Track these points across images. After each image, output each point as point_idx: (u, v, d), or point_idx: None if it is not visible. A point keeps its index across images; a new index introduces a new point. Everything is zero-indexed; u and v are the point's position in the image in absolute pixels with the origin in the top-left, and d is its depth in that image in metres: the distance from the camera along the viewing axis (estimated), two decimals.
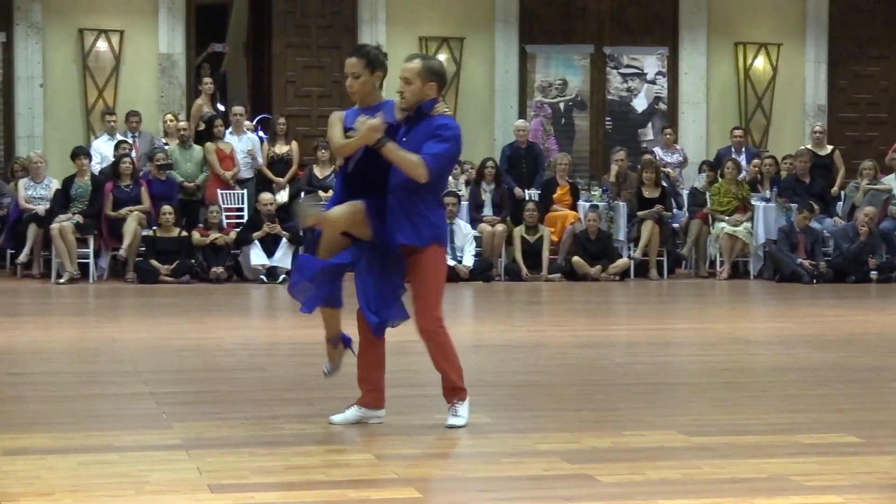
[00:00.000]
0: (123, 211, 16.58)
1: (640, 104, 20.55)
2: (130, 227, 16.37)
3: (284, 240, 16.56)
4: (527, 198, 17.90)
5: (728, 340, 11.17)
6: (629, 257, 17.48)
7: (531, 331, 12.03)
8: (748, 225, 17.72)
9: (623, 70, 20.50)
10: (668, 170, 18.83)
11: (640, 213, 17.65)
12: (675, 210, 18.24)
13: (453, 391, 6.98)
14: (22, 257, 16.46)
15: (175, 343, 10.75)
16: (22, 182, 16.90)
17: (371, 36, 19.51)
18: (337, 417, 6.99)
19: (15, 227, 16.75)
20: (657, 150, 19.23)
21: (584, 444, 6.54)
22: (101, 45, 18.84)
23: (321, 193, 17.66)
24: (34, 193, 16.79)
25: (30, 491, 5.54)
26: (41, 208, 16.58)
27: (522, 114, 19.91)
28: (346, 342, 7.14)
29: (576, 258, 17.08)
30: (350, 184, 6.92)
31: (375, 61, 7.05)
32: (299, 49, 19.77)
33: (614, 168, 18.36)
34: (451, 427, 6.89)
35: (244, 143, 17.96)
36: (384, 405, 7.01)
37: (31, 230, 16.40)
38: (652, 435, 6.79)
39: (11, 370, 9.16)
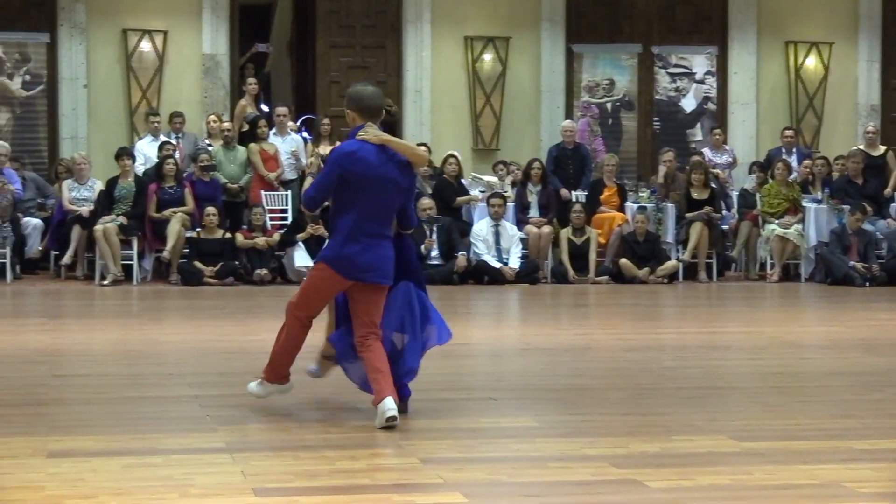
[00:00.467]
0: (167, 212, 16.66)
1: (688, 104, 20.48)
2: (174, 229, 16.45)
3: (328, 241, 16.59)
4: (573, 199, 17.87)
5: (779, 344, 11.10)
6: (678, 259, 17.42)
7: (578, 334, 12.00)
8: (799, 227, 17.61)
9: (671, 70, 20.44)
10: (718, 171, 18.74)
11: (688, 215, 17.58)
12: (724, 212, 18.17)
13: (265, 368, 7.51)
14: (66, 259, 16.58)
15: (219, 345, 10.80)
16: (66, 183, 17.02)
17: (416, 35, 19.54)
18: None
19: (59, 228, 16.87)
20: (706, 150, 19.16)
21: (632, 449, 6.52)
22: (145, 45, 18.95)
23: None
24: (78, 195, 16.90)
25: (74, 493, 5.57)
26: (85, 209, 16.68)
27: (569, 114, 19.87)
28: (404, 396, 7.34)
29: (623, 260, 17.04)
30: None
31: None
32: (344, 49, 19.82)
33: (662, 169, 18.30)
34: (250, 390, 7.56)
35: (288, 144, 18.02)
36: (389, 394, 7.00)
37: (75, 232, 16.51)
38: (701, 440, 6.76)
39: (56, 372, 9.22)
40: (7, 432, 6.84)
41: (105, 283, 16.10)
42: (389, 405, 6.90)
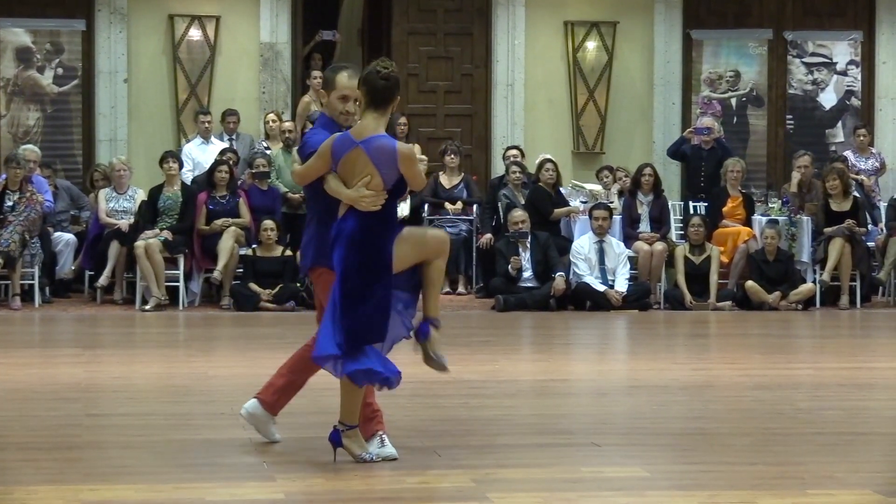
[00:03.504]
0: (217, 222, 16.74)
1: (827, 99, 20.34)
2: (226, 246, 16.57)
3: None
4: (692, 210, 17.79)
5: None
6: (814, 282, 17.29)
7: (696, 369, 11.96)
8: None
9: (808, 59, 20.31)
10: (862, 178, 18.59)
11: (827, 230, 17.45)
12: (870, 226, 18.00)
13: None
14: (102, 280, 16.71)
15: None
16: (102, 193, 17.18)
17: (508, 21, 19.58)
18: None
19: (94, 244, 17.02)
20: (848, 153, 19.00)
21: None
22: (195, 33, 19.14)
23: (448, 206, 17.83)
24: (116, 206, 17.08)
25: None
26: (124, 223, 16.84)
27: (686, 111, 19.81)
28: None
29: (750, 283, 16.94)
30: None
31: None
32: (424, 37, 19.90)
33: (796, 176, 18.17)
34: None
35: None
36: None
37: (113, 248, 16.67)
38: (842, 495, 6.71)
39: (91, 411, 9.32)
40: (35, 479, 6.93)
41: (147, 307, 16.25)
42: None
